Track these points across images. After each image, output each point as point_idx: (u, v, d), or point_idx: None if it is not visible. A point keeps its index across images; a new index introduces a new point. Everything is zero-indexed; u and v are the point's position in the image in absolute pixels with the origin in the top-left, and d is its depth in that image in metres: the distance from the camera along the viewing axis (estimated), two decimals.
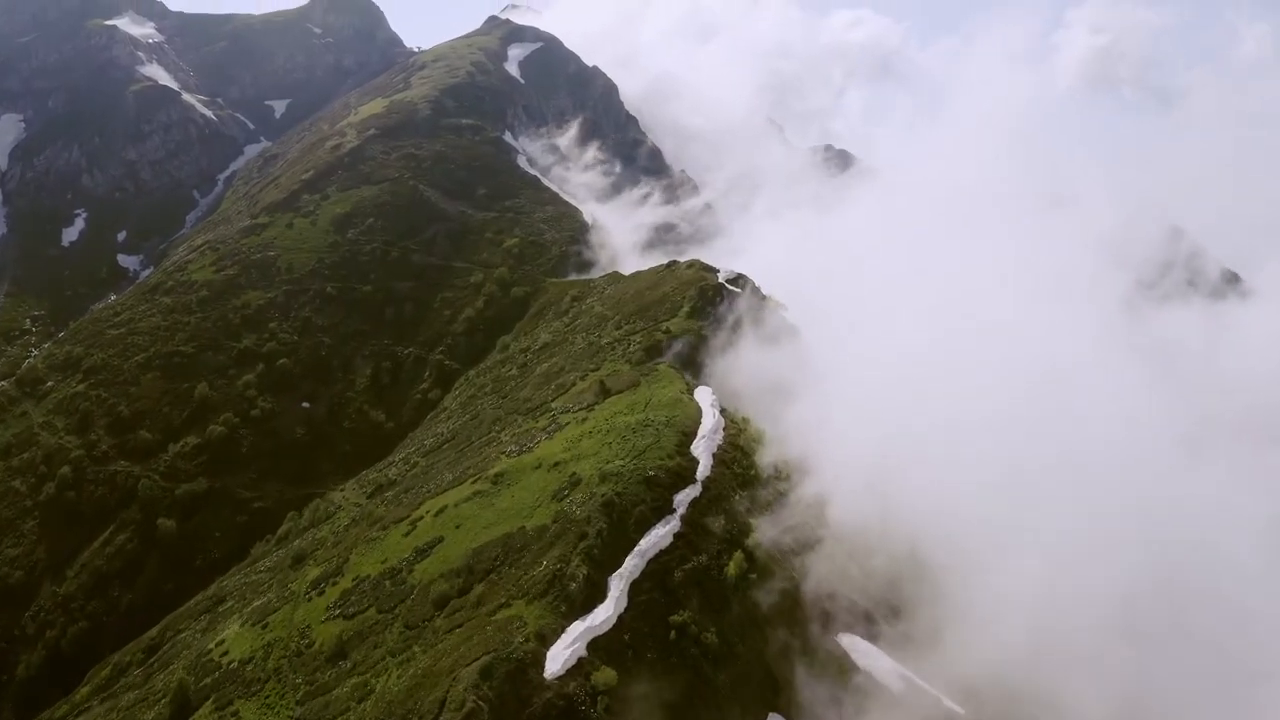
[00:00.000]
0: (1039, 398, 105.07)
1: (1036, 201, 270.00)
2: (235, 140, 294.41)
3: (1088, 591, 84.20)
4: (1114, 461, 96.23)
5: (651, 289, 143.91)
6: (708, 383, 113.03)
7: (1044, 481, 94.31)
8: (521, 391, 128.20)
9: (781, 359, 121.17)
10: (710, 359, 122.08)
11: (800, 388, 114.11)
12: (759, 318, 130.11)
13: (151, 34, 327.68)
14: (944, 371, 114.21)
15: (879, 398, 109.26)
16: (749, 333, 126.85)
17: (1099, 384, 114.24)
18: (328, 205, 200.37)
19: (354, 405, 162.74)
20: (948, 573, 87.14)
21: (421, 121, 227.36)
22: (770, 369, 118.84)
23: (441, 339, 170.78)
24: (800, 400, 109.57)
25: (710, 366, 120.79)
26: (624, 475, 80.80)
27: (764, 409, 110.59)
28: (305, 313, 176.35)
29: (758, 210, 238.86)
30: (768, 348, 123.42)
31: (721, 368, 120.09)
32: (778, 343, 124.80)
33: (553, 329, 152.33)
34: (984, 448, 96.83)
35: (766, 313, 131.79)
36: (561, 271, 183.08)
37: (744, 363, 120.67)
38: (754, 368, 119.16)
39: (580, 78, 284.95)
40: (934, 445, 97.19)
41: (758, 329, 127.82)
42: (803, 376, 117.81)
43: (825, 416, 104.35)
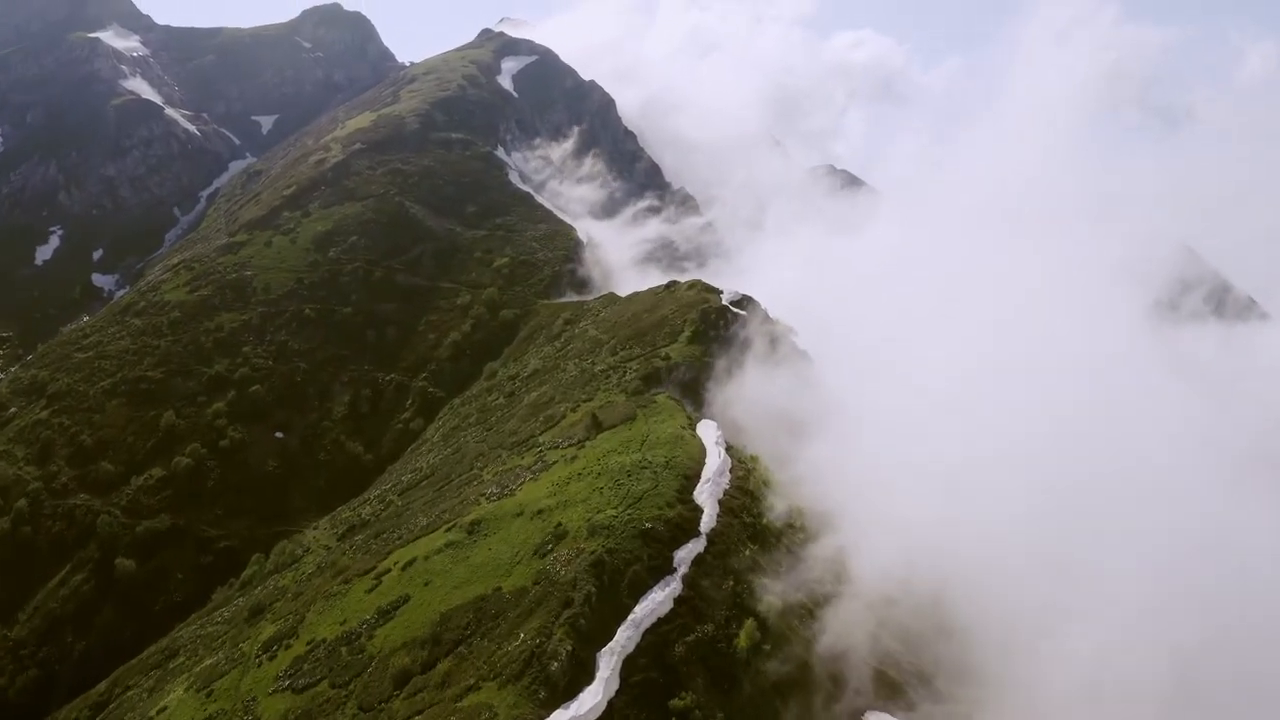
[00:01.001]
0: (1080, 432, 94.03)
1: (1049, 223, 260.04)
2: (220, 156, 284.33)
3: (1147, 652, 73.26)
4: (1167, 497, 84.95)
5: (649, 311, 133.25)
6: (711, 415, 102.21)
7: (1092, 523, 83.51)
8: (507, 424, 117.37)
9: (793, 389, 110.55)
10: (714, 389, 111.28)
11: (814, 422, 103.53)
12: (767, 343, 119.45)
13: (136, 47, 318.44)
14: (974, 403, 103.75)
15: (903, 433, 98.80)
16: (756, 360, 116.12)
17: (1142, 414, 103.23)
18: (309, 223, 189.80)
19: (330, 436, 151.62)
20: (986, 634, 76.30)
21: (409, 136, 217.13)
22: (780, 400, 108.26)
23: (425, 364, 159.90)
24: (815, 436, 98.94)
25: (714, 397, 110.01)
26: (616, 528, 69.75)
27: (774, 446, 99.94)
28: (281, 336, 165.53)
29: (762, 230, 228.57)
30: (777, 377, 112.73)
31: (726, 398, 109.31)
32: (788, 371, 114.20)
33: (543, 354, 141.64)
34: (1022, 488, 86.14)
35: (775, 338, 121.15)
36: (554, 292, 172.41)
37: (751, 393, 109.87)
38: (762, 399, 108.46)
39: (577, 92, 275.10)
40: (966, 487, 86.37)
41: (766, 356, 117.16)
42: (817, 409, 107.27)
43: (844, 456, 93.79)
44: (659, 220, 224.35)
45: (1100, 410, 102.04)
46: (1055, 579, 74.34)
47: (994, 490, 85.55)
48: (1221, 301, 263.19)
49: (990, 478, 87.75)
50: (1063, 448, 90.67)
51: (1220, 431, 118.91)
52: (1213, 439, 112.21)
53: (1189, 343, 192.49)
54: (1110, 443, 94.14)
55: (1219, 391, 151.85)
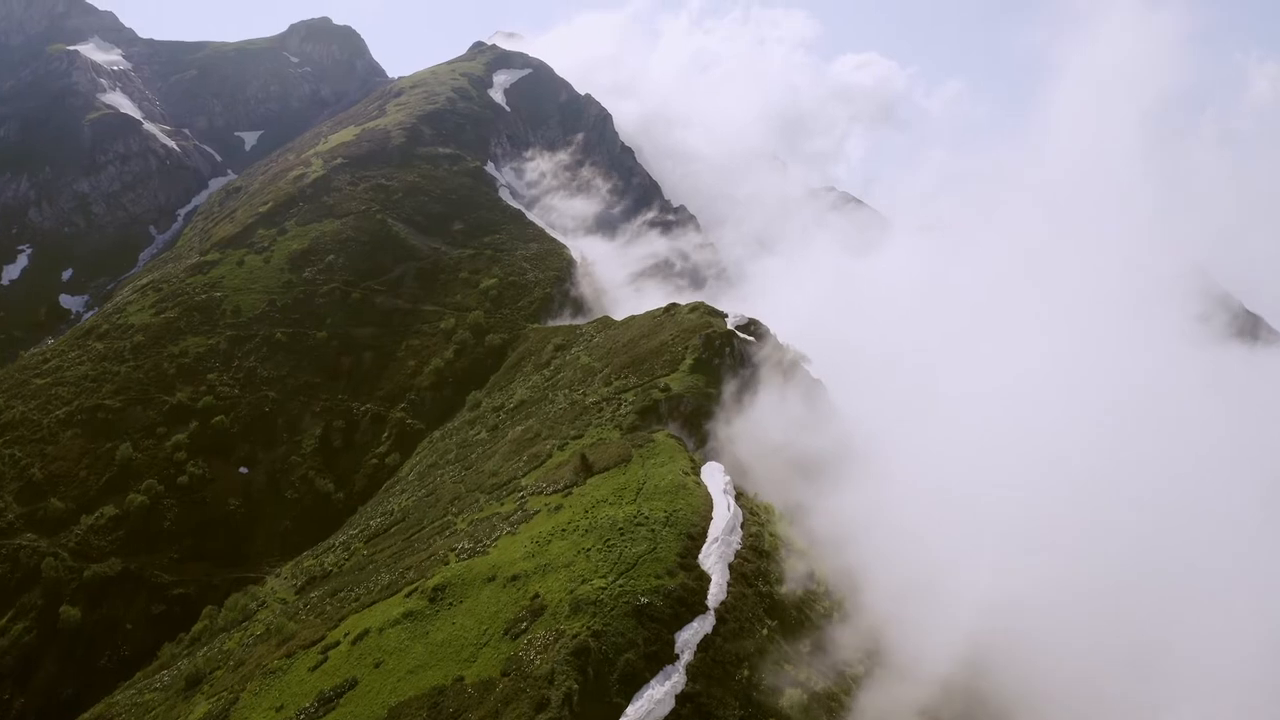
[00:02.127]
0: (1154, 486, 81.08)
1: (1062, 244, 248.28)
2: (200, 173, 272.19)
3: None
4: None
5: (647, 337, 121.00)
6: (717, 456, 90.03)
7: (1179, 592, 70.70)
8: (488, 462, 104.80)
9: (809, 425, 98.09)
10: (719, 424, 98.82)
11: (835, 463, 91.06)
12: (778, 372, 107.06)
13: (117, 61, 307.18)
14: (1015, 440, 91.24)
15: (936, 476, 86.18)
16: (766, 391, 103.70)
17: (1214, 460, 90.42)
18: (284, 241, 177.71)
19: (299, 472, 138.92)
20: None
21: (394, 150, 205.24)
22: (795, 438, 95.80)
23: (404, 394, 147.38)
24: (836, 480, 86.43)
25: (719, 434, 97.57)
26: (605, 603, 56.98)
27: (789, 492, 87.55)
28: (250, 362, 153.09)
29: (766, 250, 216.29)
30: (791, 410, 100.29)
31: (733, 436, 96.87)
32: (803, 404, 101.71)
33: (531, 383, 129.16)
34: (1085, 542, 73.49)
35: (787, 366, 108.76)
36: (544, 316, 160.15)
37: (762, 429, 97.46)
38: (774, 436, 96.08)
39: (572, 106, 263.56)
40: (1018, 542, 73.70)
41: (777, 386, 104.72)
42: (837, 448, 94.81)
43: (871, 504, 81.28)
44: (658, 239, 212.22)
45: (1163, 450, 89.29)
46: (1137, 664, 61.23)
47: (1051, 548, 72.71)
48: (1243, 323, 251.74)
49: (1045, 532, 75.01)
50: (1131, 496, 77.63)
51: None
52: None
53: (1228, 366, 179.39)
54: (1181, 491, 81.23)
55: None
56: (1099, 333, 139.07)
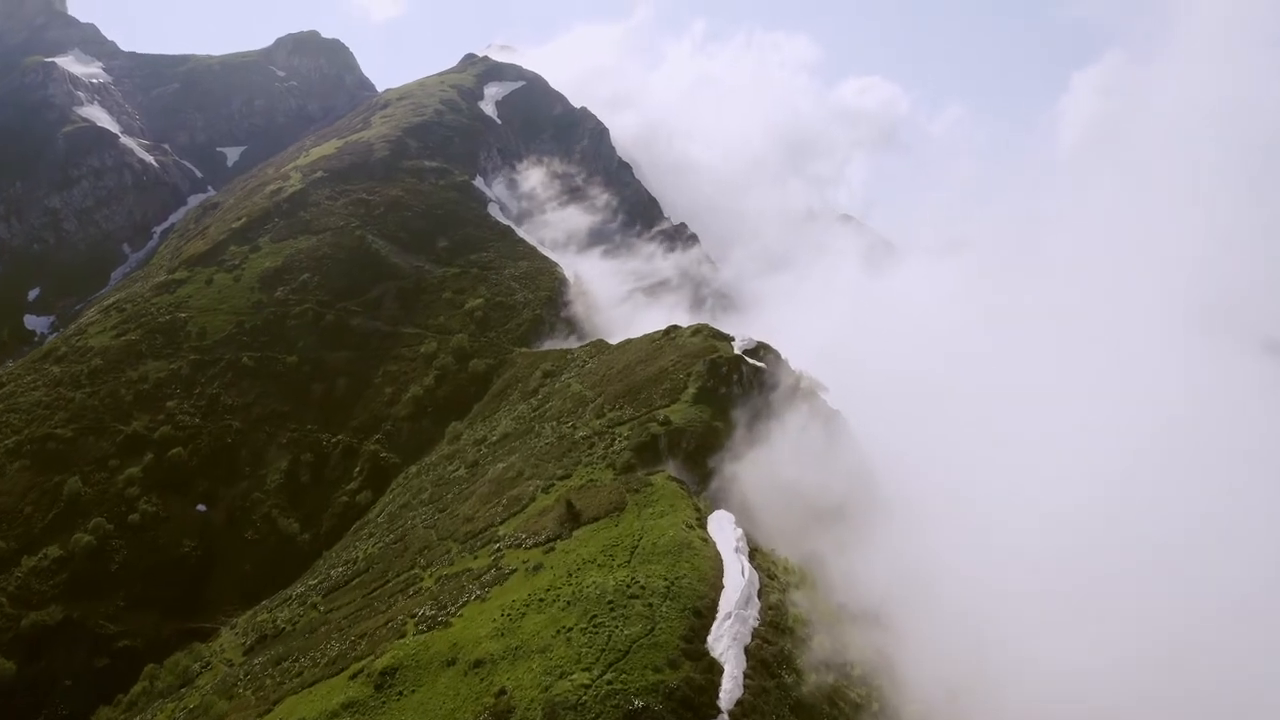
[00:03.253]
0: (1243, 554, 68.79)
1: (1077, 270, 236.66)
2: (178, 189, 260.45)
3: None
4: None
5: (645, 363, 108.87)
6: (725, 501, 77.73)
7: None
8: (464, 504, 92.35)
9: (829, 463, 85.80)
10: (727, 463, 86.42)
11: (862, 511, 78.84)
12: (794, 404, 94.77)
13: (97, 73, 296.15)
14: (1076, 484, 79.08)
15: (986, 529, 74.02)
16: (781, 425, 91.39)
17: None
18: (256, 258, 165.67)
19: (261, 510, 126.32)
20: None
21: (377, 163, 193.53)
22: (815, 480, 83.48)
23: (379, 424, 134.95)
24: (864, 531, 74.15)
25: (727, 475, 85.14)
26: (588, 708, 44.47)
27: (808, 544, 75.24)
28: (213, 388, 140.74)
29: (772, 269, 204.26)
30: (809, 448, 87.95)
31: (743, 477, 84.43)
32: (823, 441, 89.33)
33: (516, 414, 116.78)
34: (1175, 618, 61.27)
35: (803, 397, 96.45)
36: (533, 339, 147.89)
37: (776, 469, 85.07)
38: (791, 478, 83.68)
39: (567, 119, 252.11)
40: (1093, 620, 61.37)
41: (793, 420, 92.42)
42: (864, 494, 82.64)
43: (905, 561, 69.09)
44: (657, 257, 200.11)
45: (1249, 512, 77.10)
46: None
47: (1127, 616, 60.41)
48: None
49: (1117, 596, 62.66)
50: (1220, 558, 65.35)
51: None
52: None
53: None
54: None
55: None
56: (1159, 363, 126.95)
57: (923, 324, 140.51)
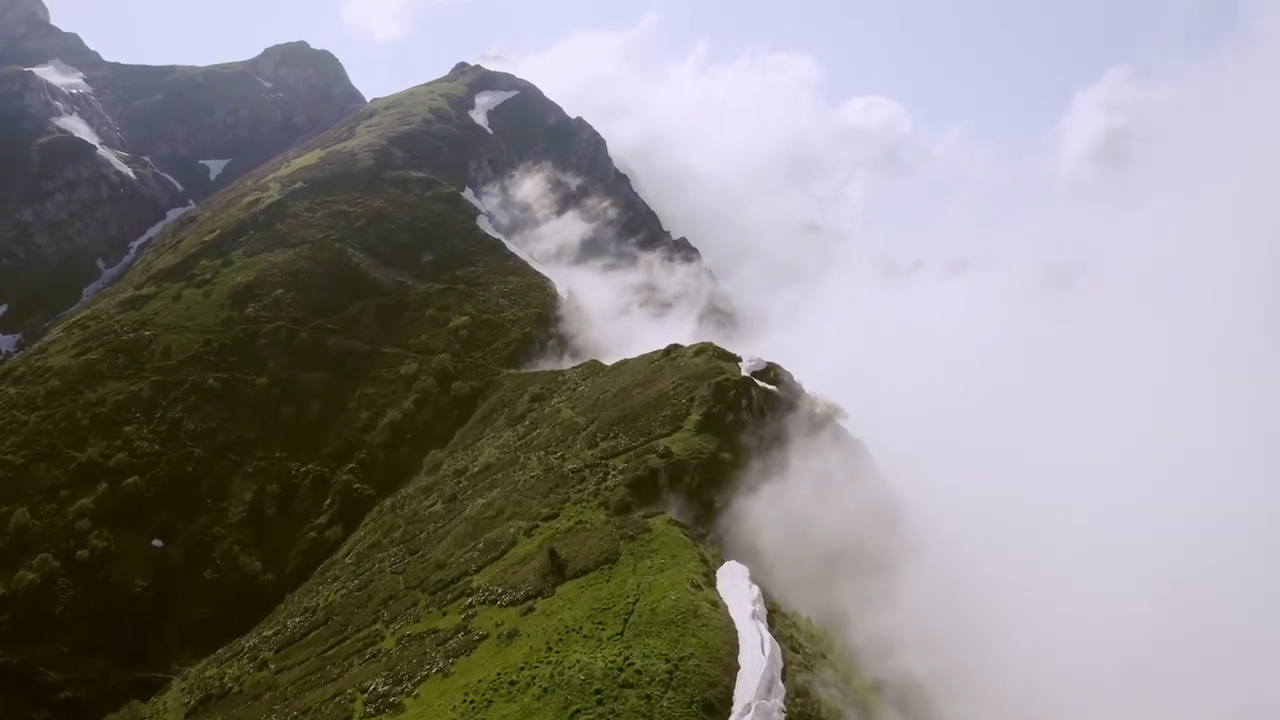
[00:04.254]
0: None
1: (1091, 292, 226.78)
2: (157, 203, 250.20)
3: None
4: None
5: (643, 386, 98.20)
6: (735, 549, 67.05)
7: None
8: (437, 546, 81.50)
9: (852, 502, 75.07)
10: (735, 501, 75.65)
11: (892, 558, 68.07)
12: (809, 432, 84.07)
13: (77, 84, 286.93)
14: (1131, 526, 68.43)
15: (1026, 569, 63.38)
16: (796, 456, 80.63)
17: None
18: (228, 273, 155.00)
19: (222, 546, 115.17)
20: None
21: (360, 173, 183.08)
22: (835, 520, 72.72)
23: (353, 452, 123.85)
24: (898, 586, 63.35)
25: (735, 515, 74.40)
26: None
27: (831, 598, 64.46)
28: (175, 412, 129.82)
29: (778, 286, 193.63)
30: (828, 482, 77.23)
31: (754, 518, 73.68)
32: (844, 475, 78.59)
33: (501, 442, 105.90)
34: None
35: (820, 424, 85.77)
36: (522, 359, 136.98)
37: (791, 508, 74.30)
38: (808, 517, 72.93)
39: (561, 130, 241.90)
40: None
41: (810, 450, 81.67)
42: (891, 534, 71.90)
43: (946, 619, 58.26)
44: (656, 273, 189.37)
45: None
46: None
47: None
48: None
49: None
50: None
51: None
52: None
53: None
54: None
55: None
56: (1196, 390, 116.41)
57: (946, 345, 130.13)
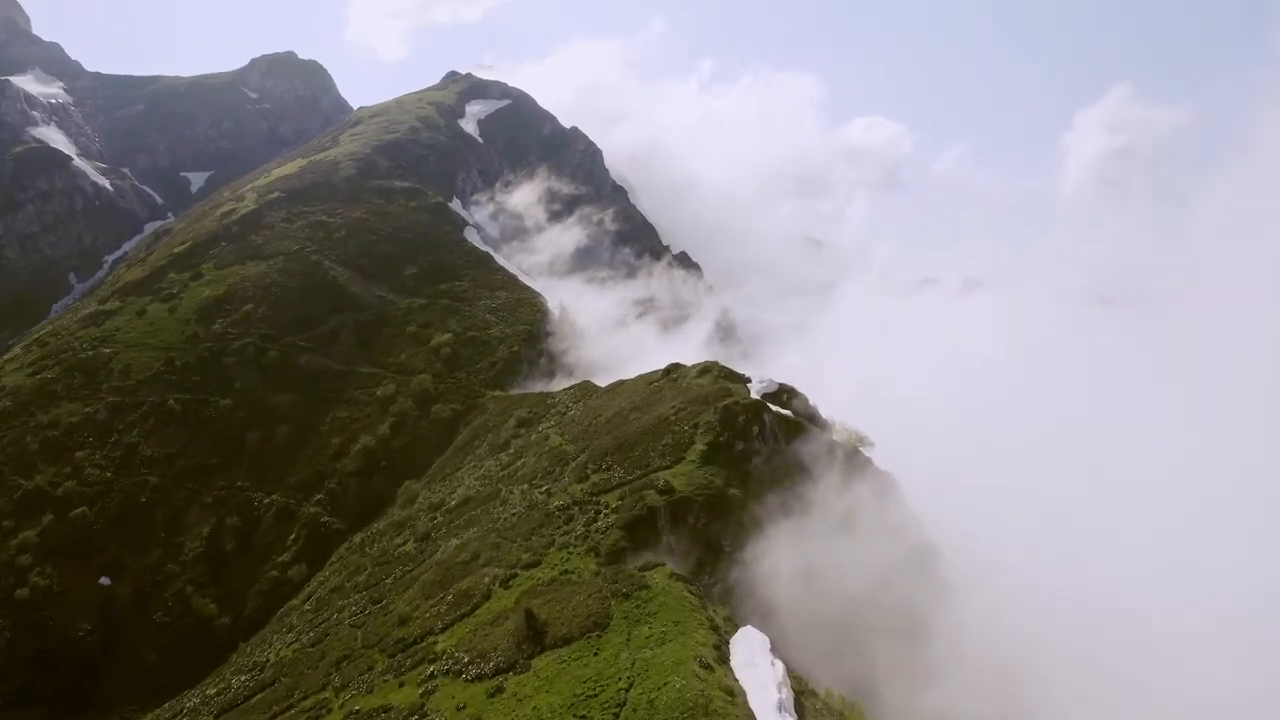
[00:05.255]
0: None
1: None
2: (134, 215, 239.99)
3: None
4: None
5: (640, 410, 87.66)
6: (749, 608, 56.38)
7: None
8: (402, 596, 70.65)
9: (882, 546, 64.51)
10: (747, 546, 65.04)
11: (931, 615, 57.52)
12: (830, 464, 73.48)
13: (57, 94, 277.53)
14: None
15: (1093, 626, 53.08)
16: (816, 492, 70.05)
17: None
18: (196, 286, 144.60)
19: (175, 585, 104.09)
20: None
21: (341, 182, 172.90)
22: (862, 568, 62.14)
23: (322, 481, 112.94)
24: (937, 656, 52.73)
25: (748, 563, 63.76)
26: None
27: (860, 669, 53.77)
28: (132, 436, 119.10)
29: (783, 303, 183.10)
30: (853, 523, 66.65)
31: (768, 566, 63.03)
32: (871, 513, 67.98)
33: (482, 472, 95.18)
34: None
35: (844, 455, 75.15)
36: (510, 380, 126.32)
37: (810, 554, 63.70)
38: (831, 565, 62.35)
39: (556, 139, 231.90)
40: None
41: (831, 485, 71.09)
42: (926, 583, 61.37)
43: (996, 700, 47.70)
44: (654, 288, 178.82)
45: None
46: None
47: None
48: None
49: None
50: None
51: None
52: None
53: None
54: None
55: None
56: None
57: (971, 363, 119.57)
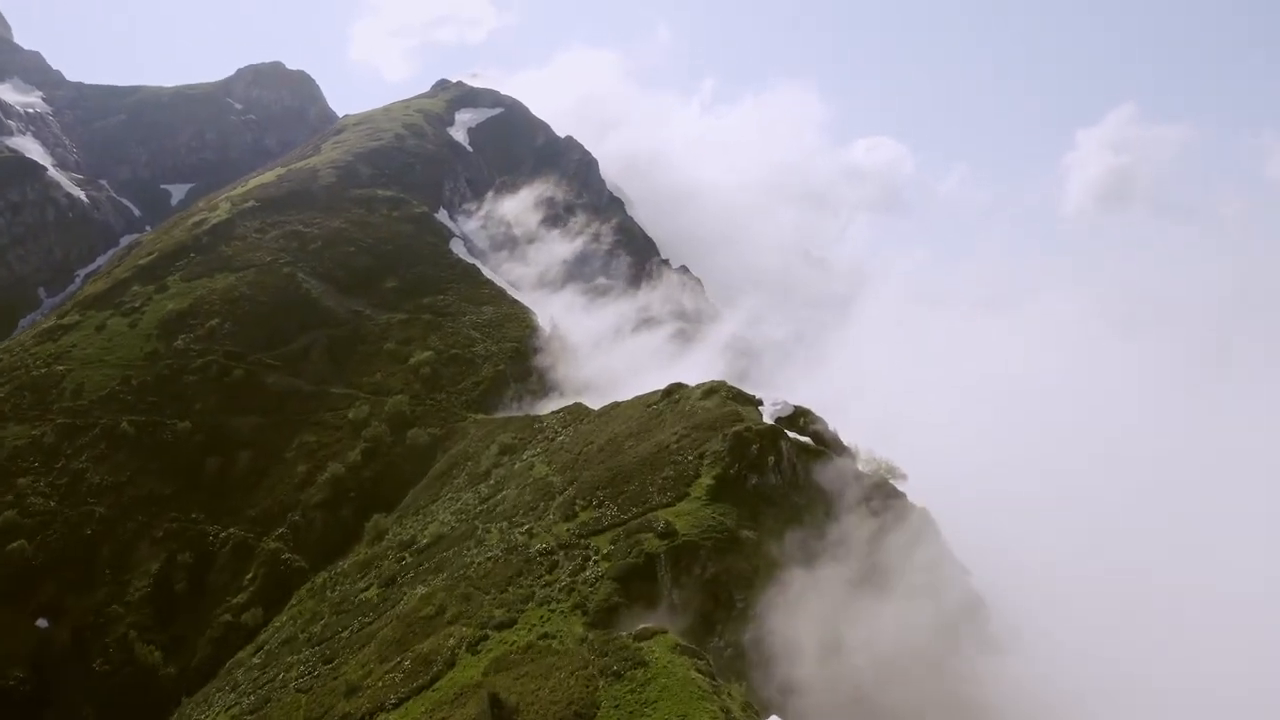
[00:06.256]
0: None
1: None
2: (110, 228, 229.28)
3: None
4: None
5: (637, 436, 77.18)
6: (769, 688, 45.81)
7: None
8: (355, 657, 60.00)
9: (921, 595, 54.06)
10: (765, 602, 54.51)
11: (983, 682, 47.23)
12: (858, 500, 63.01)
13: (35, 103, 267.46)
14: None
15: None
16: (844, 535, 59.56)
17: None
18: (160, 300, 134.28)
19: (118, 629, 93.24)
20: None
21: (319, 191, 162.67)
22: (903, 629, 51.68)
23: (285, 513, 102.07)
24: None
25: (765, 622, 53.24)
26: None
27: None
28: (80, 462, 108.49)
29: (790, 319, 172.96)
30: (887, 569, 56.18)
31: (791, 626, 52.52)
32: (906, 556, 57.52)
33: (459, 506, 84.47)
34: None
35: (873, 489, 64.67)
36: (494, 402, 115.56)
37: (838, 608, 53.25)
38: (866, 626, 51.91)
39: (549, 149, 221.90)
40: None
41: (859, 525, 60.62)
42: (982, 650, 51.10)
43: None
44: (652, 303, 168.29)
45: None
46: None
47: None
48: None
49: None
50: None
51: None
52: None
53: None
54: None
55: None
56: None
57: (1005, 388, 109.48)
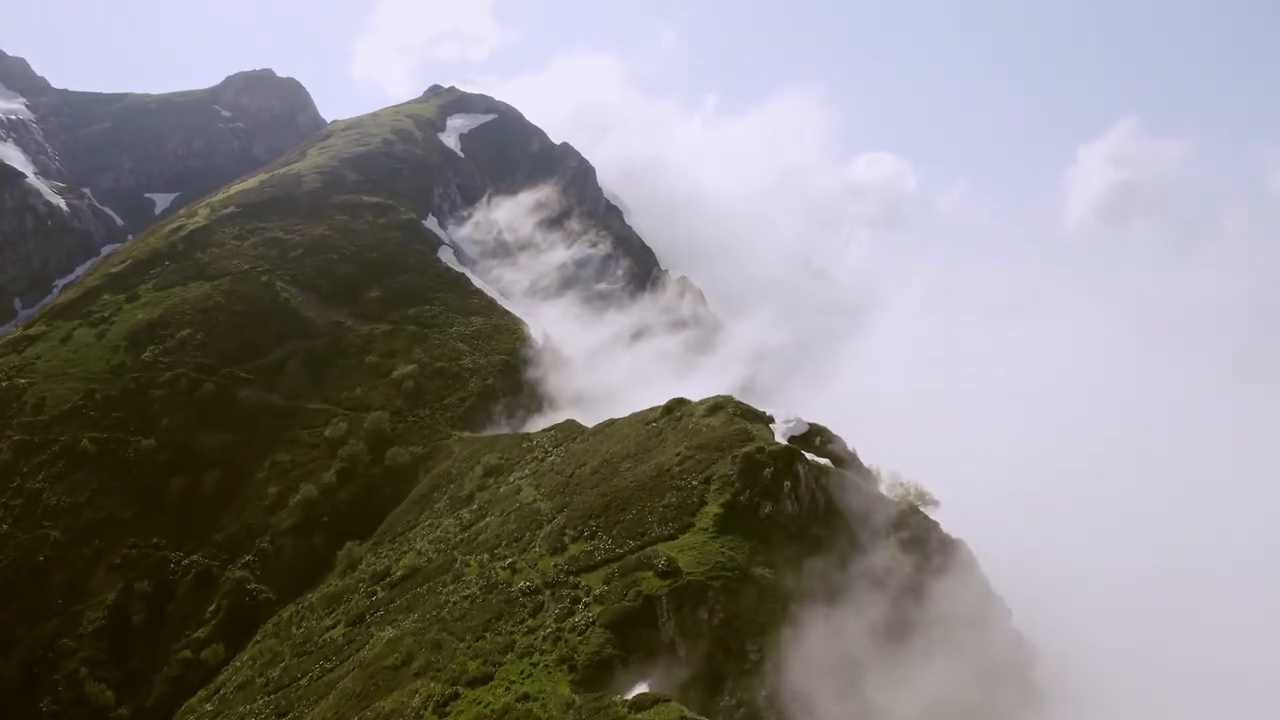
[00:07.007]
0: None
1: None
2: (90, 237, 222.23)
3: None
4: None
5: (635, 457, 69.50)
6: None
7: None
8: (310, 711, 52.32)
9: (959, 641, 46.57)
10: (782, 652, 46.93)
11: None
12: (885, 531, 55.47)
13: (18, 110, 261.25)
14: None
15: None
16: (869, 571, 51.99)
17: None
18: (131, 309, 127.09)
19: (69, 665, 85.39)
20: None
21: (303, 197, 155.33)
22: (943, 685, 44.17)
23: (253, 539, 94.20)
24: None
25: (781, 674, 45.66)
26: None
27: None
28: (36, 481, 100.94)
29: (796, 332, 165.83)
30: (919, 609, 48.65)
31: (814, 681, 44.93)
32: (946, 600, 49.99)
33: (438, 533, 76.71)
34: None
35: (898, 519, 57.09)
36: (481, 419, 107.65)
37: (862, 657, 45.70)
38: (896, 676, 44.40)
39: (544, 156, 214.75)
40: None
41: (885, 560, 53.07)
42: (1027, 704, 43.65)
43: None
44: (649, 314, 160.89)
45: None
46: None
47: None
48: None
49: None
50: None
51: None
52: None
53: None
54: None
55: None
56: None
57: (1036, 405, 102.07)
